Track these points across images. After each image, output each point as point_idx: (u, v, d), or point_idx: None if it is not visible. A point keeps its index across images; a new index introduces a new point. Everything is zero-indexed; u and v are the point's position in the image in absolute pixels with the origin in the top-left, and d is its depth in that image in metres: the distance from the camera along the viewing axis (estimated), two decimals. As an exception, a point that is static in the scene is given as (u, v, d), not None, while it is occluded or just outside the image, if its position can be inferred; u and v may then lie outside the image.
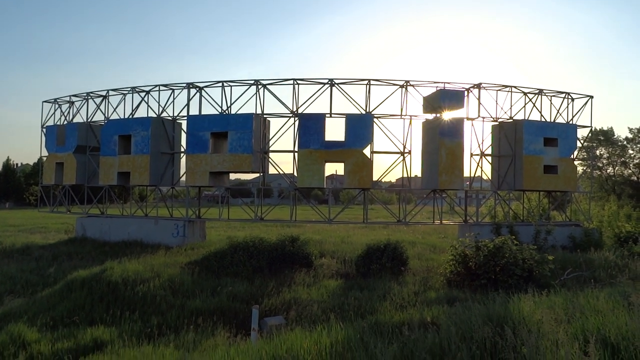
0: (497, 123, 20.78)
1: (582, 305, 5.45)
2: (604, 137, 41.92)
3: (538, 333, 4.14)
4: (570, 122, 20.94)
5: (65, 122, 23.79)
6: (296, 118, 19.03)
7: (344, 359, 4.01)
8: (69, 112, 23.96)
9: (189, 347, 8.62)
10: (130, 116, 21.60)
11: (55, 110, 24.46)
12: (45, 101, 24.88)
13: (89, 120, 22.94)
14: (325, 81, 19.20)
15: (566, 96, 21.26)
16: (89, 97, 22.98)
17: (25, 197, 70.40)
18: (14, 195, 71.43)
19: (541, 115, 20.76)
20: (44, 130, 24.48)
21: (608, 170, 43.09)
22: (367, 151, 18.56)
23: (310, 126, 18.56)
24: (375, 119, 18.84)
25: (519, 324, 4.61)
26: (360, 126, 18.51)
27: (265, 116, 19.82)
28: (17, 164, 79.16)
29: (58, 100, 24.33)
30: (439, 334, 4.62)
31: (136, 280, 12.81)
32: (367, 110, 18.98)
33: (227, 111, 19.91)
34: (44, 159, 24.76)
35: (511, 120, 20.39)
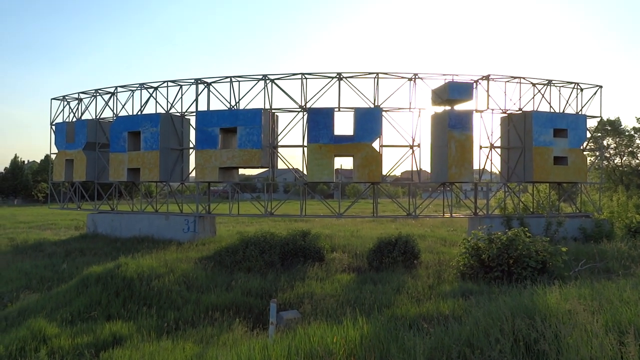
0: (506, 115, 20.70)
1: (609, 296, 5.48)
2: (611, 127, 41.71)
3: (570, 324, 4.17)
4: (580, 113, 20.83)
5: (74, 119, 23.91)
6: (305, 112, 19.04)
7: (377, 353, 4.05)
8: (77, 109, 24.09)
9: (208, 342, 8.70)
10: (139, 112, 21.67)
11: (64, 108, 24.60)
12: (54, 98, 25.02)
13: (97, 117, 23.04)
14: (334, 75, 19.18)
15: (575, 86, 21.13)
16: (98, 94, 23.07)
17: (34, 193, 70.99)
18: (22, 192, 72.01)
19: (550, 106, 20.67)
20: (54, 127, 24.60)
21: (615, 161, 42.89)
22: (376, 145, 18.57)
23: (319, 120, 18.57)
24: (384, 113, 18.82)
25: (549, 315, 4.64)
26: (369, 120, 18.50)
27: (273, 111, 19.84)
28: (24, 161, 79.62)
29: (67, 97, 24.44)
30: (470, 326, 4.65)
31: (151, 275, 12.88)
32: (376, 104, 18.96)
33: (235, 106, 19.94)
34: (53, 156, 24.90)
35: (520, 111, 20.31)
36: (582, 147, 20.47)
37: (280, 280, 13.10)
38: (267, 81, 19.47)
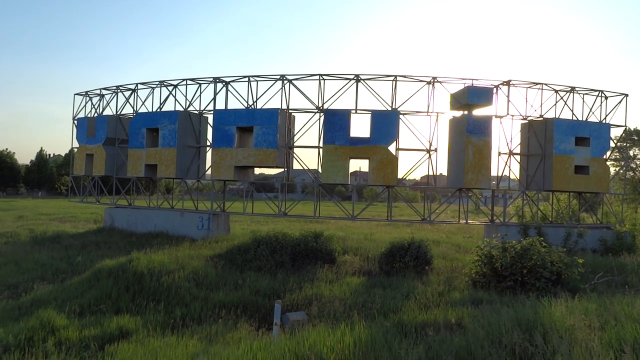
0: (527, 121, 20.29)
1: (617, 312, 5.25)
2: (637, 137, 40.52)
3: (570, 340, 4.00)
4: (604, 121, 20.29)
5: (96, 115, 24.34)
6: (321, 114, 18.98)
7: (368, 359, 3.96)
8: (99, 105, 24.52)
9: (212, 339, 8.70)
10: (158, 109, 21.93)
11: (86, 103, 25.06)
12: (77, 94, 25.52)
13: (118, 113, 23.41)
14: (351, 77, 19.08)
15: (600, 94, 20.59)
16: (119, 91, 23.43)
17: (57, 186, 72.68)
18: (47, 184, 73.84)
19: (573, 113, 20.18)
20: (75, 122, 25.10)
21: (642, 172, 41.66)
22: (392, 148, 18.39)
23: (335, 122, 18.49)
24: (401, 116, 18.64)
25: (550, 330, 4.46)
26: (386, 122, 18.34)
27: (290, 111, 19.84)
28: (49, 155, 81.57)
29: (89, 93, 24.90)
30: (466, 337, 4.51)
31: (161, 271, 12.99)
32: (393, 107, 18.79)
33: (253, 106, 20.01)
34: (75, 150, 25.39)
35: (541, 118, 19.88)
36: (605, 157, 19.91)
37: (289, 280, 13.06)
38: (285, 81, 19.49)
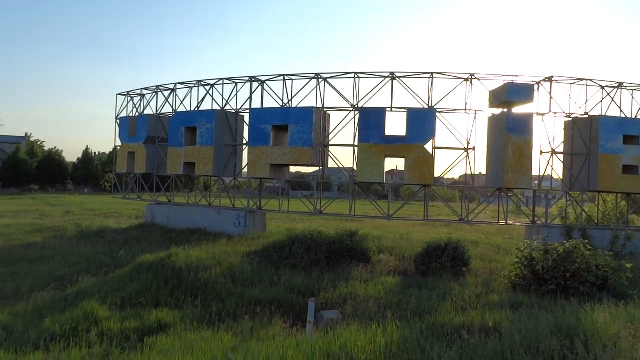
0: (571, 119, 19.52)
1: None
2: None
3: (614, 349, 3.80)
4: (655, 119, 19.25)
5: (137, 114, 25.12)
6: (356, 112, 18.90)
7: (400, 361, 3.91)
8: (140, 105, 25.30)
9: (247, 335, 8.82)
10: (196, 109, 22.41)
11: (128, 103, 25.93)
12: (119, 94, 26.48)
13: (158, 112, 24.08)
14: (387, 75, 18.89)
15: (651, 90, 19.55)
16: (159, 91, 24.09)
17: (102, 183, 75.59)
18: (92, 181, 76.89)
19: (621, 110, 19.27)
20: (118, 121, 26.00)
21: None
22: (428, 146, 18.09)
23: (370, 120, 18.36)
24: (437, 114, 18.31)
25: (592, 338, 4.25)
26: (422, 121, 18.06)
27: (325, 110, 19.84)
28: (95, 153, 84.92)
29: (130, 93, 25.73)
30: (502, 342, 4.36)
31: (199, 267, 13.27)
32: (430, 105, 18.48)
33: (288, 104, 20.14)
34: (118, 148, 26.31)
35: (586, 115, 19.08)
36: (656, 156, 18.88)
37: (324, 279, 13.07)
38: (320, 80, 19.51)
